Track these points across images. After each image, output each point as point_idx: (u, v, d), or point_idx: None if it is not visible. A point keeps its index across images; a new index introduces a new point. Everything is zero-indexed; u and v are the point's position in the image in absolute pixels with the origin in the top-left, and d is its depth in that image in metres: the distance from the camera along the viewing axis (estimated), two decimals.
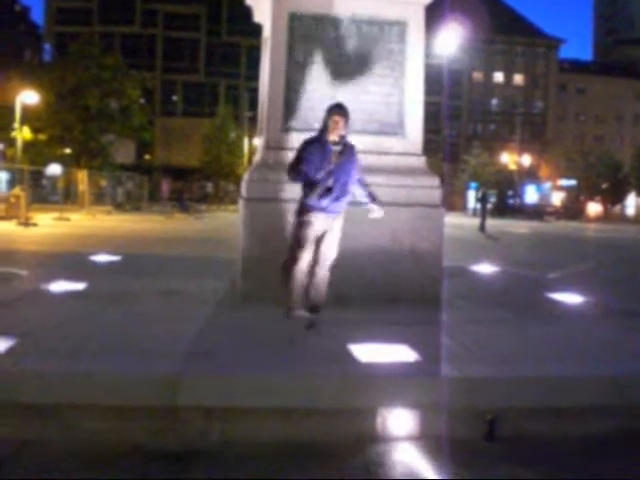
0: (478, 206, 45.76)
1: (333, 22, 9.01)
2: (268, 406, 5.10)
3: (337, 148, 7.08)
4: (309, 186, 7.13)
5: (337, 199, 7.16)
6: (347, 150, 7.19)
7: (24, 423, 4.83)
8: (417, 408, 5.23)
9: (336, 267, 7.47)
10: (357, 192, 7.48)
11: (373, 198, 7.49)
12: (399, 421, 5.16)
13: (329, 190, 7.06)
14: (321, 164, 7.03)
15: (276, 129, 9.02)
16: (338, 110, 7.12)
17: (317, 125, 8.88)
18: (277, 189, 8.69)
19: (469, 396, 5.39)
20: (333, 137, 7.08)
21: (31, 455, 4.47)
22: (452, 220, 10.74)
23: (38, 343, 6.02)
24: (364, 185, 7.50)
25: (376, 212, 7.47)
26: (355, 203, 7.69)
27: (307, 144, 7.25)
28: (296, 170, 7.19)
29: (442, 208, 9.07)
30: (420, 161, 9.24)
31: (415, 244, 8.76)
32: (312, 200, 7.13)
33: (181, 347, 6.03)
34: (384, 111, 9.03)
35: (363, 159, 7.68)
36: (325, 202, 7.10)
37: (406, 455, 4.77)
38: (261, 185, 8.77)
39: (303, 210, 7.24)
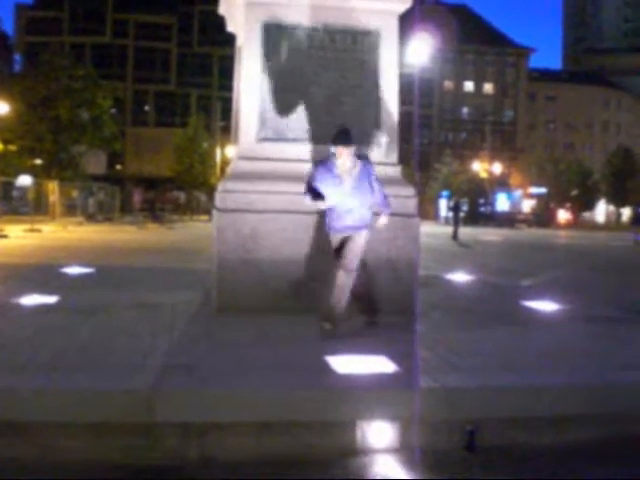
0: (450, 214, 45.92)
1: (306, 32, 8.98)
2: (247, 420, 5.04)
3: (347, 171, 7.22)
4: (329, 210, 7.40)
5: (358, 216, 7.34)
6: (360, 169, 7.31)
7: None
8: (397, 420, 5.18)
9: (315, 276, 7.48)
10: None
11: (387, 207, 7.70)
12: (379, 433, 5.12)
13: (349, 211, 7.29)
14: (334, 187, 7.23)
15: (250, 139, 8.97)
16: (341, 140, 7.18)
17: (291, 135, 8.91)
18: (251, 200, 8.63)
19: (449, 407, 5.35)
20: (342, 162, 7.21)
21: (4, 474, 4.38)
22: (425, 229, 10.81)
23: (9, 358, 5.90)
24: (382, 193, 7.65)
25: (382, 220, 7.67)
26: None
27: (317, 170, 7.43)
28: (311, 190, 7.34)
29: (418, 217, 9.06)
30: (395, 170, 9.23)
31: (391, 254, 8.73)
32: (332, 221, 7.43)
33: (157, 361, 5.94)
34: (358, 121, 9.00)
35: None
36: (347, 222, 7.32)
37: (387, 467, 4.74)
38: (235, 196, 8.71)
39: (330, 235, 7.57)
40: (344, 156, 7.16)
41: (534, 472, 4.75)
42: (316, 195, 7.27)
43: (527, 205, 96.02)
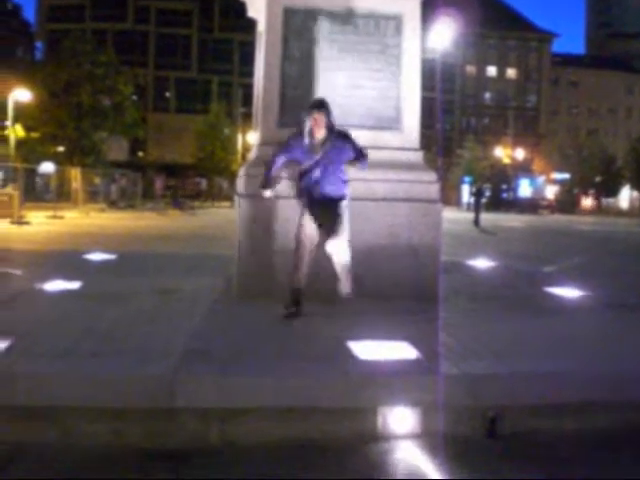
0: (472, 200, 45.71)
1: (328, 16, 8.92)
2: (267, 406, 5.04)
3: (320, 138, 7.27)
4: (298, 178, 7.53)
5: (327, 186, 7.35)
6: (333, 139, 7.33)
7: (20, 426, 4.77)
8: (418, 406, 5.17)
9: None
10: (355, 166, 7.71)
11: (361, 156, 7.62)
12: (400, 419, 5.10)
13: (317, 180, 7.33)
14: (305, 156, 7.34)
15: (271, 125, 8.94)
16: (317, 109, 7.26)
17: None
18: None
19: (470, 393, 5.33)
20: (317, 134, 7.26)
21: (28, 458, 4.41)
22: (447, 215, 10.72)
23: (33, 344, 5.93)
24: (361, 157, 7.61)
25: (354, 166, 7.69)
26: (353, 199, 7.69)
27: (290, 139, 7.57)
28: (267, 164, 7.68)
29: (440, 203, 9.01)
30: (417, 156, 9.17)
31: (413, 240, 8.69)
32: (301, 192, 7.52)
33: (178, 347, 5.95)
34: (381, 106, 8.95)
35: None
36: (315, 191, 7.34)
37: (408, 454, 4.73)
38: (257, 181, 8.69)
39: (301, 204, 7.56)
40: (319, 125, 7.23)
41: (556, 459, 4.72)
42: (266, 180, 7.66)
43: (550, 191, 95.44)
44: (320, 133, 7.27)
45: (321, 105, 7.29)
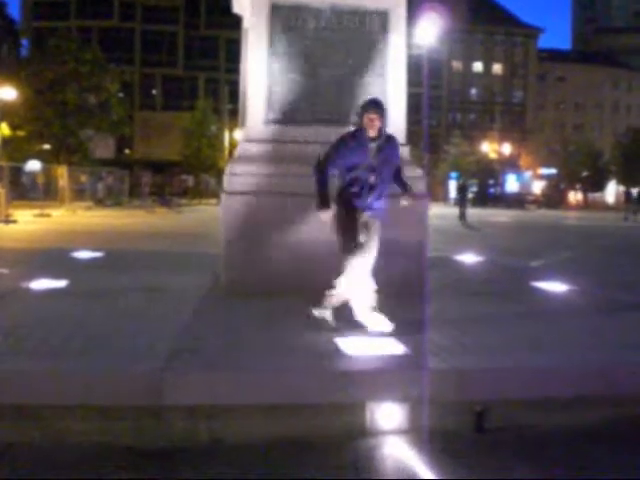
0: (458, 196, 45.79)
1: (314, 12, 8.92)
2: (255, 403, 5.04)
3: (374, 144, 6.65)
4: (351, 184, 6.73)
5: (380, 196, 6.81)
6: (387, 144, 6.77)
7: (6, 425, 4.74)
8: (406, 401, 5.18)
9: (322, 259, 7.38)
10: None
11: (406, 188, 7.15)
12: (388, 415, 5.11)
13: (372, 187, 6.71)
14: (360, 160, 6.64)
15: (257, 122, 8.93)
16: (373, 107, 6.64)
17: (298, 117, 8.88)
18: (259, 182, 8.61)
19: (458, 388, 5.35)
20: (371, 133, 6.64)
21: (15, 458, 4.38)
22: (433, 210, 10.74)
23: (20, 342, 5.91)
24: (400, 175, 7.15)
25: (405, 201, 7.13)
26: None
27: (343, 140, 6.79)
28: (322, 167, 6.75)
29: (427, 199, 9.02)
30: (404, 151, 9.17)
31: (400, 235, 8.69)
32: (358, 200, 6.73)
33: (165, 344, 5.94)
34: None
35: None
36: (369, 200, 6.73)
37: (396, 449, 4.72)
38: (242, 178, 8.69)
39: (349, 210, 6.76)
40: (374, 125, 6.60)
41: (544, 453, 4.73)
42: (324, 199, 6.69)
43: (537, 186, 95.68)
44: (374, 134, 6.63)
45: (376, 104, 6.68)
